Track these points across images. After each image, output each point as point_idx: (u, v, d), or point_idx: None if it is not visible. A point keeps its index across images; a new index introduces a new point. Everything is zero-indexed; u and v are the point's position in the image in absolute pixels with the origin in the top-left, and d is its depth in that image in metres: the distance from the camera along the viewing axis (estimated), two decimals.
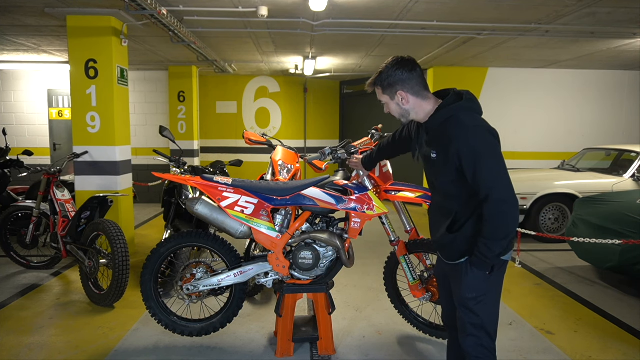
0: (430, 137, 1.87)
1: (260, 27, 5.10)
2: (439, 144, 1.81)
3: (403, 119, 1.94)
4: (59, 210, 4.15)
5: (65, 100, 8.22)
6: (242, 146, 8.77)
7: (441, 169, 1.82)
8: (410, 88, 1.86)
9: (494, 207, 1.69)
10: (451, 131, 1.75)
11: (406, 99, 1.87)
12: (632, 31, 5.03)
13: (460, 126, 1.74)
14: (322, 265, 2.73)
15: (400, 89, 1.87)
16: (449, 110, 1.79)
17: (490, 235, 1.72)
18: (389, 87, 1.89)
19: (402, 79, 1.85)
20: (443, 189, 1.89)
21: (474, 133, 1.72)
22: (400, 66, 1.86)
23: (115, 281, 3.40)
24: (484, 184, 1.69)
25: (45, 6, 4.31)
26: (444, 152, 1.78)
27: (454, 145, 1.72)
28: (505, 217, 1.70)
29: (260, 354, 2.88)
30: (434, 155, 1.83)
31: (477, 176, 1.70)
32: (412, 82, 1.85)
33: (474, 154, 1.69)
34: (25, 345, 2.97)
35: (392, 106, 1.93)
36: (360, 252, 4.86)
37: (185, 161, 4.12)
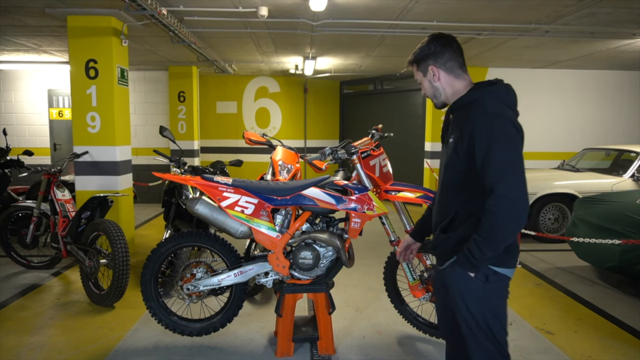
0: (453, 120, 1.74)
1: (260, 27, 5.10)
2: (458, 127, 1.66)
3: (435, 100, 1.78)
4: (59, 210, 4.16)
5: (65, 100, 8.22)
6: (242, 146, 8.78)
7: (452, 156, 1.67)
8: (442, 64, 1.72)
9: (496, 202, 1.51)
10: (471, 113, 1.61)
11: (437, 75, 1.73)
12: (632, 31, 5.03)
13: (482, 109, 1.59)
14: (322, 265, 2.74)
15: (432, 63, 1.73)
16: (477, 92, 1.66)
17: (484, 234, 1.55)
18: (422, 62, 1.76)
19: (434, 53, 1.72)
20: (448, 182, 1.74)
21: (493, 119, 1.56)
22: (435, 40, 1.74)
23: (115, 281, 3.40)
24: (491, 175, 1.53)
25: (46, 6, 4.31)
26: (459, 135, 1.64)
27: (469, 126, 1.58)
28: (505, 218, 1.51)
29: (260, 354, 2.88)
30: (450, 139, 1.69)
31: (486, 165, 1.54)
32: (444, 57, 1.72)
33: (488, 141, 1.54)
34: (25, 345, 2.97)
35: (425, 84, 1.78)
36: (360, 252, 4.86)
37: (185, 161, 4.12)
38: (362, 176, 2.79)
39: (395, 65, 7.77)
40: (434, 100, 1.80)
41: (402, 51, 6.42)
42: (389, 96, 9.09)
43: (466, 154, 1.61)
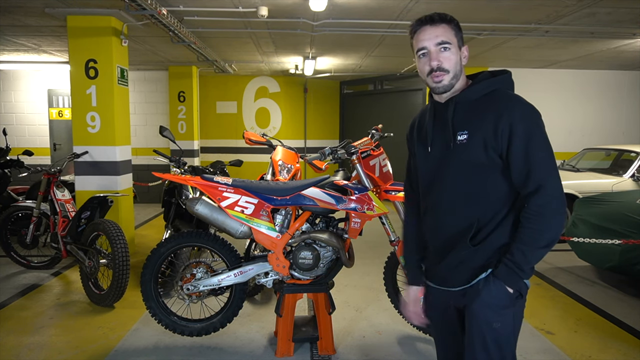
0: (461, 115, 1.47)
1: (260, 27, 5.10)
2: (474, 121, 1.43)
3: (454, 80, 1.47)
4: (59, 210, 4.15)
5: (65, 100, 8.22)
6: (242, 146, 8.78)
7: (471, 155, 1.42)
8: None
9: (545, 202, 1.34)
10: (500, 104, 1.41)
11: (467, 57, 1.52)
12: (632, 31, 5.03)
13: (513, 99, 1.42)
14: (322, 265, 2.74)
15: (466, 46, 1.54)
16: (493, 82, 1.48)
17: (532, 240, 1.35)
18: (461, 33, 1.51)
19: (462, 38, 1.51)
20: (463, 186, 1.46)
21: (531, 111, 1.40)
22: None
23: (115, 281, 3.40)
24: (537, 172, 1.35)
25: (45, 6, 4.31)
26: (481, 130, 1.40)
27: (505, 118, 1.37)
28: (556, 218, 1.35)
29: (260, 354, 2.88)
30: (462, 137, 1.44)
31: (530, 160, 1.35)
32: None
33: (530, 133, 1.36)
34: (25, 345, 2.97)
35: (455, 56, 1.47)
36: (360, 252, 4.86)
37: (185, 161, 4.12)
38: (362, 176, 2.79)
39: (395, 65, 7.77)
40: (451, 80, 1.47)
41: (402, 51, 6.42)
42: (389, 96, 9.09)
43: (498, 151, 1.39)
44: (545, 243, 1.37)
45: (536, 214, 1.36)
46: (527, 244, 1.37)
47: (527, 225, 1.37)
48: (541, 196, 1.36)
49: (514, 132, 1.37)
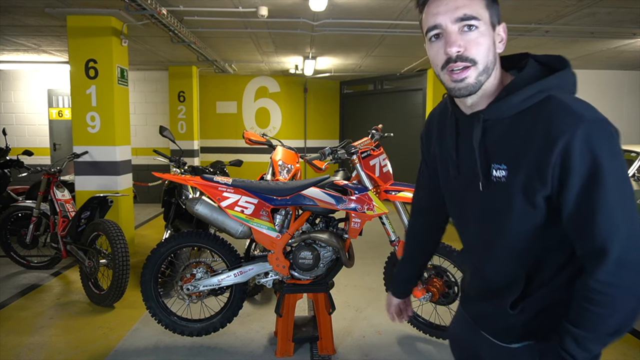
0: (496, 136, 1.02)
1: (260, 27, 5.10)
2: (516, 148, 0.98)
3: (484, 77, 1.00)
4: (59, 210, 4.15)
5: (65, 100, 8.22)
6: (242, 146, 8.77)
7: (512, 201, 1.00)
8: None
9: (611, 274, 0.91)
10: (553, 122, 0.93)
11: (504, 41, 1.05)
12: (632, 31, 5.03)
13: (574, 114, 0.92)
14: (322, 265, 2.74)
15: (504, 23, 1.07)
16: (543, 85, 0.97)
17: (590, 325, 0.94)
18: (497, 7, 1.07)
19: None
20: (500, 237, 1.06)
21: (602, 132, 0.92)
22: None
23: (115, 281, 3.40)
24: (600, 228, 0.91)
25: (45, 6, 4.31)
26: (526, 164, 0.96)
27: (559, 146, 0.91)
28: (626, 300, 0.92)
29: (260, 354, 2.88)
30: (499, 172, 1.00)
31: (591, 211, 0.91)
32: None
33: (596, 169, 0.90)
34: (25, 345, 2.97)
35: (487, 40, 1.00)
36: (360, 252, 4.86)
37: (185, 161, 4.12)
38: (362, 176, 2.79)
39: (395, 65, 7.77)
40: (480, 78, 0.99)
41: (402, 51, 6.42)
42: (389, 96, 9.09)
43: (545, 193, 0.96)
44: (610, 330, 0.94)
45: (599, 293, 0.92)
46: (583, 327, 0.95)
47: (582, 304, 0.95)
48: (606, 264, 0.91)
49: (570, 167, 0.91)
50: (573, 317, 0.97)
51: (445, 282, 2.87)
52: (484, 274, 1.15)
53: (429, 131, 1.27)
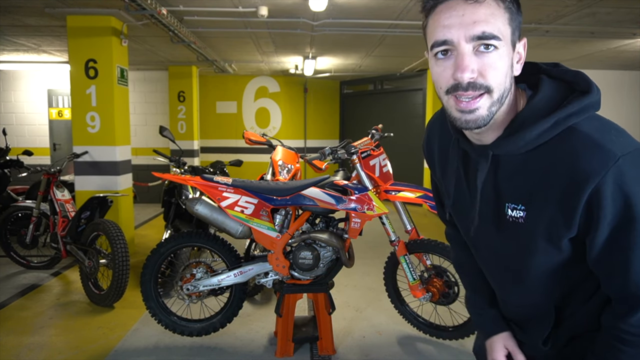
0: (507, 175, 0.92)
1: (260, 27, 5.10)
2: (531, 188, 0.88)
3: (495, 108, 0.85)
4: (58, 210, 4.15)
5: (65, 100, 8.22)
6: (242, 146, 8.77)
7: (535, 242, 0.91)
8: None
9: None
10: (579, 160, 0.81)
11: (522, 60, 0.90)
12: (632, 31, 5.03)
13: (597, 153, 0.80)
14: (322, 266, 2.73)
15: (524, 39, 0.90)
16: (563, 115, 0.84)
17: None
18: (520, 20, 0.87)
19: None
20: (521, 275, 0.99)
21: (628, 168, 0.79)
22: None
23: (115, 281, 3.40)
24: (635, 275, 0.83)
25: (45, 6, 4.31)
26: (549, 208, 0.86)
27: (586, 189, 0.80)
28: None
29: (260, 354, 2.88)
30: (516, 213, 0.91)
31: (624, 257, 0.83)
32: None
33: (626, 212, 0.80)
34: (25, 345, 2.97)
35: (500, 61, 0.82)
36: (360, 252, 4.86)
37: (185, 161, 4.12)
38: (362, 176, 2.79)
39: (395, 65, 7.77)
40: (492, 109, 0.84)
41: (402, 51, 6.42)
42: (389, 96, 9.09)
43: (569, 236, 0.87)
44: None
45: (628, 334, 0.87)
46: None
47: (611, 343, 0.89)
48: (636, 314, 0.85)
49: (600, 212, 0.81)
50: (601, 354, 0.91)
51: (445, 282, 2.87)
52: (509, 306, 1.09)
53: (430, 151, 1.13)
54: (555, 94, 0.87)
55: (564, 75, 0.90)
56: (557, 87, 0.89)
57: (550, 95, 0.87)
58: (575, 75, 0.89)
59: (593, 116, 0.85)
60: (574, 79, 0.89)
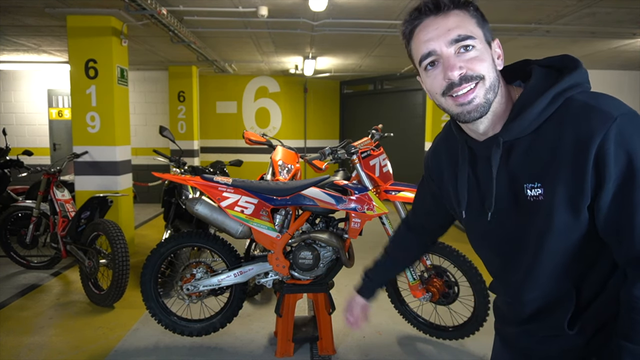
0: (517, 158, 0.96)
1: (260, 27, 5.10)
2: (544, 164, 0.92)
3: (491, 95, 0.94)
4: (58, 210, 4.15)
5: (65, 100, 8.22)
6: (242, 146, 8.76)
7: (556, 217, 0.92)
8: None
9: None
10: (576, 128, 0.88)
11: (502, 57, 1.00)
12: (632, 31, 5.03)
13: (596, 115, 0.87)
14: (322, 266, 2.73)
15: (497, 40, 1.01)
16: (558, 90, 0.92)
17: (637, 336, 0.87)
18: (486, 22, 0.99)
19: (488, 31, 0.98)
20: (547, 257, 0.97)
21: (627, 127, 0.85)
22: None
23: (115, 281, 3.40)
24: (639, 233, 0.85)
25: (45, 6, 4.30)
26: (562, 176, 0.89)
27: (590, 151, 0.85)
28: None
29: (260, 354, 2.88)
30: (534, 192, 0.94)
31: (628, 214, 0.85)
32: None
33: (629, 169, 0.84)
34: (25, 345, 2.97)
35: (488, 57, 0.96)
36: (360, 252, 4.85)
37: (185, 161, 4.12)
38: (362, 176, 2.79)
39: (395, 65, 7.77)
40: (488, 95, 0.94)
41: (402, 51, 6.33)
42: (389, 96, 9.09)
43: (589, 205, 0.89)
44: None
45: (637, 309, 0.87)
46: (636, 341, 0.87)
47: (631, 316, 0.88)
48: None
49: (605, 170, 0.85)
50: (624, 332, 0.89)
51: (445, 282, 2.87)
52: (526, 303, 1.06)
53: (438, 164, 1.17)
54: (547, 76, 0.95)
55: (552, 61, 0.99)
56: (548, 72, 0.97)
57: (543, 78, 0.95)
58: (562, 58, 0.98)
59: (586, 90, 0.94)
60: (562, 62, 0.97)
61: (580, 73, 0.94)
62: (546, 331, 1.04)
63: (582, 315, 0.98)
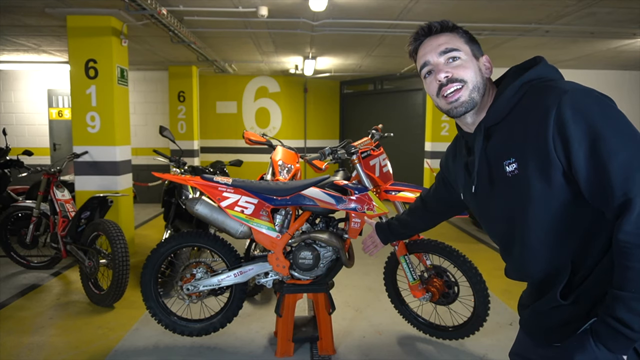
0: (499, 138, 1.13)
1: (260, 27, 5.10)
2: (518, 141, 1.07)
3: (475, 94, 1.15)
4: (58, 210, 4.15)
5: (65, 100, 8.22)
6: (242, 146, 8.77)
7: (532, 188, 1.05)
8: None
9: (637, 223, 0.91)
10: (539, 103, 1.02)
11: (491, 69, 1.20)
12: (632, 31, 5.03)
13: (554, 89, 1.02)
14: (322, 265, 2.73)
15: (486, 56, 1.21)
16: (522, 79, 1.11)
17: (634, 284, 0.92)
18: (476, 43, 1.20)
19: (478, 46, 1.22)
20: (534, 227, 1.08)
21: (587, 95, 0.99)
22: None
23: (115, 281, 3.40)
24: (617, 180, 0.92)
25: (45, 6, 4.31)
26: (532, 150, 1.03)
27: (551, 122, 0.98)
28: None
29: (260, 354, 2.88)
30: (510, 167, 1.08)
31: (603, 170, 0.94)
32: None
33: (593, 129, 0.94)
34: (25, 345, 2.97)
35: (472, 66, 1.15)
36: (361, 252, 4.85)
37: (185, 161, 4.12)
38: (362, 176, 2.79)
39: (395, 65, 7.77)
40: (472, 95, 1.14)
41: (402, 51, 6.39)
42: (389, 96, 9.09)
43: (561, 170, 1.00)
44: None
45: (630, 245, 0.92)
46: (627, 289, 0.92)
47: (620, 263, 0.94)
48: (630, 216, 0.91)
49: (568, 135, 0.96)
50: (617, 281, 0.94)
51: (445, 282, 2.87)
52: (526, 271, 1.17)
53: (447, 160, 1.44)
54: (517, 72, 1.16)
55: (525, 62, 1.17)
56: (519, 69, 1.16)
57: (512, 75, 1.17)
58: (532, 58, 1.17)
59: (551, 78, 1.11)
60: (531, 61, 1.16)
61: (542, 67, 1.13)
62: (546, 304, 1.11)
63: (579, 288, 1.05)
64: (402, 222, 1.83)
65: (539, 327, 1.15)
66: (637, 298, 0.91)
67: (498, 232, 1.23)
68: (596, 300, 1.03)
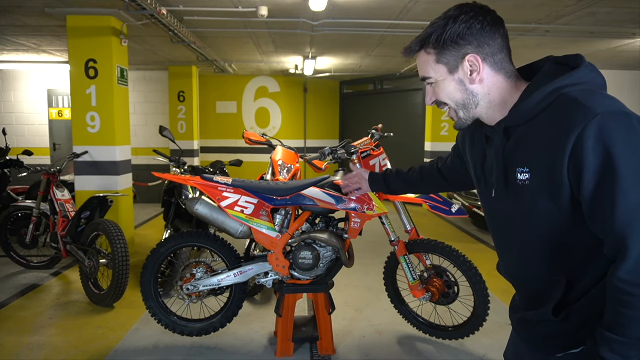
0: (514, 144, 1.05)
1: (260, 27, 5.10)
2: (533, 152, 1.00)
3: (463, 112, 1.12)
4: (59, 210, 4.15)
5: (65, 100, 8.22)
6: (242, 146, 8.77)
7: (537, 203, 1.01)
8: (488, 54, 1.06)
9: (632, 272, 0.88)
10: (565, 120, 0.93)
11: (479, 70, 1.05)
12: (632, 31, 5.03)
13: (583, 108, 0.92)
14: (322, 265, 2.73)
15: (473, 51, 1.05)
16: (554, 86, 0.99)
17: (622, 329, 0.90)
18: (451, 47, 1.06)
19: (476, 35, 1.05)
20: (534, 240, 1.07)
21: (609, 123, 0.89)
22: (475, 15, 1.06)
23: (115, 281, 3.40)
24: (619, 223, 0.89)
25: (45, 6, 4.31)
26: (545, 165, 0.97)
27: (570, 143, 0.91)
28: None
29: (260, 354, 2.88)
30: (523, 176, 1.02)
31: (609, 206, 0.89)
32: (492, 43, 1.06)
33: (607, 162, 0.88)
34: (25, 345, 2.97)
35: (447, 86, 1.10)
36: (360, 252, 4.85)
37: (185, 161, 4.12)
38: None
39: (395, 65, 7.77)
40: (459, 114, 1.12)
41: None
42: (389, 96, 9.09)
43: (568, 192, 0.96)
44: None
45: (621, 292, 0.90)
46: (615, 331, 0.91)
47: (612, 307, 0.92)
48: (625, 264, 0.88)
49: (583, 163, 0.90)
50: (606, 321, 0.94)
51: (445, 282, 2.87)
52: (521, 282, 1.18)
53: (464, 139, 1.36)
54: (550, 73, 1.03)
55: (566, 58, 1.06)
56: (557, 68, 1.04)
57: (545, 75, 1.03)
58: (573, 56, 1.05)
59: (588, 88, 0.98)
60: (571, 60, 1.04)
61: (581, 72, 1.00)
62: (537, 316, 1.10)
63: (571, 306, 1.04)
64: (405, 179, 1.78)
65: (528, 334, 1.17)
66: (623, 342, 0.91)
67: (498, 231, 1.21)
68: (587, 320, 1.02)
